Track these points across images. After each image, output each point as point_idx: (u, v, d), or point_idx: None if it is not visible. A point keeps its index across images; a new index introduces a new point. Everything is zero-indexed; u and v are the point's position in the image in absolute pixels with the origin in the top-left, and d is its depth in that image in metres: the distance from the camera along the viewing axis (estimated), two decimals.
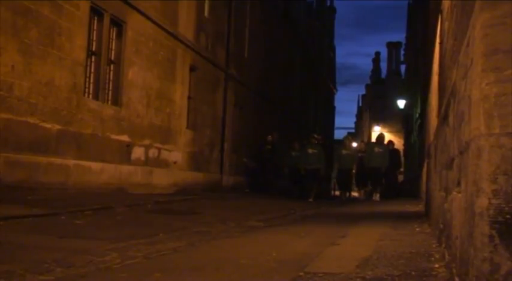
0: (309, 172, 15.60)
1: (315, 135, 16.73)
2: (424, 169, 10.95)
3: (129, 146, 11.18)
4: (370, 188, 17.21)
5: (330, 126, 44.46)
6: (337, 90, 48.83)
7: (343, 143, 17.63)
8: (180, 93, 13.69)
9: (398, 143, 33.39)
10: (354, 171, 17.18)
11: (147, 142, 11.94)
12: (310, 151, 15.78)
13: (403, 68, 54.20)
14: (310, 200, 14.83)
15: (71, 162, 9.14)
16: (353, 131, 65.59)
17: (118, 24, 10.95)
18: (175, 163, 13.38)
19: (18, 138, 7.88)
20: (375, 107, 55.76)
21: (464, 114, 2.42)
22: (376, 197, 16.40)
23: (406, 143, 35.30)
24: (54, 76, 8.68)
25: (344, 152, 16.75)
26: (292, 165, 16.48)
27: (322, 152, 15.86)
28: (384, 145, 17.18)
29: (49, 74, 8.55)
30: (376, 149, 16.63)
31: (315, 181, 15.78)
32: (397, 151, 20.33)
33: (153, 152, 12.23)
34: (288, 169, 16.92)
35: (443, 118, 4.10)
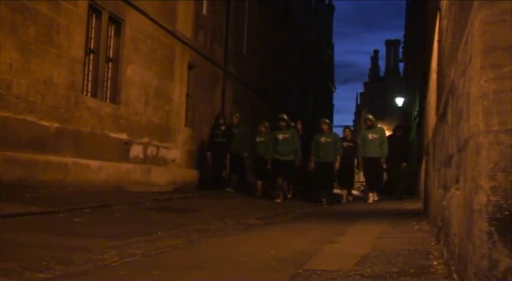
0: (279, 164, 11.95)
1: (284, 116, 12.31)
2: (423, 167, 10.97)
3: (127, 144, 11.17)
4: (365, 187, 14.22)
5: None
6: (335, 88, 48.87)
7: (321, 128, 12.50)
8: (178, 91, 13.68)
9: None
10: (337, 164, 12.32)
11: (145, 139, 11.93)
12: (280, 136, 12.03)
13: (401, 66, 54.28)
14: (278, 200, 11.55)
15: (70, 160, 9.13)
16: (352, 129, 65.52)
17: (116, 21, 10.93)
18: (173, 160, 13.37)
19: (16, 136, 7.87)
20: (373, 105, 55.80)
21: (462, 112, 2.42)
22: (374, 196, 13.06)
23: None
24: (53, 74, 8.67)
25: (324, 139, 12.27)
26: (257, 154, 12.90)
27: (297, 138, 12.20)
28: (379, 128, 13.68)
29: (47, 71, 8.54)
30: (370, 135, 13.08)
31: (287, 176, 12.15)
32: (406, 138, 16.36)
33: (151, 150, 12.22)
34: (252, 159, 13.27)
35: (441, 116, 4.10)
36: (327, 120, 12.71)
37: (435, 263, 3.58)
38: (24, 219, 5.37)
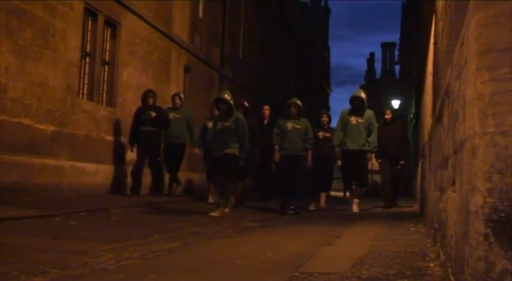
0: (217, 161, 8.38)
1: (225, 95, 8.38)
2: (419, 169, 10.97)
3: (123, 147, 11.13)
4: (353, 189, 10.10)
5: None
6: (331, 90, 48.92)
7: (289, 110, 9.49)
8: None
9: None
10: (309, 160, 9.51)
11: None
12: (219, 124, 8.35)
13: (397, 68, 54.44)
14: (213, 214, 7.77)
15: (66, 163, 9.11)
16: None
17: (112, 25, 10.92)
18: None
19: (12, 140, 7.85)
20: (369, 107, 55.90)
21: (458, 114, 2.43)
22: (354, 206, 9.72)
23: None
24: (48, 77, 8.65)
25: (290, 126, 9.37)
26: (209, 146, 9.51)
27: (243, 126, 8.28)
28: (368, 112, 10.00)
29: (43, 75, 8.52)
30: (354, 119, 9.77)
31: (228, 178, 8.21)
32: (400, 124, 12.66)
33: None
34: (203, 153, 10.44)
35: (437, 118, 4.11)
36: (299, 102, 9.63)
37: (432, 265, 3.58)
38: (20, 223, 5.35)
